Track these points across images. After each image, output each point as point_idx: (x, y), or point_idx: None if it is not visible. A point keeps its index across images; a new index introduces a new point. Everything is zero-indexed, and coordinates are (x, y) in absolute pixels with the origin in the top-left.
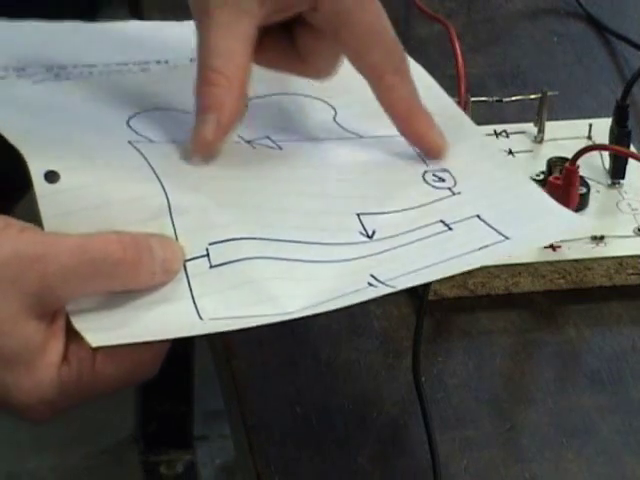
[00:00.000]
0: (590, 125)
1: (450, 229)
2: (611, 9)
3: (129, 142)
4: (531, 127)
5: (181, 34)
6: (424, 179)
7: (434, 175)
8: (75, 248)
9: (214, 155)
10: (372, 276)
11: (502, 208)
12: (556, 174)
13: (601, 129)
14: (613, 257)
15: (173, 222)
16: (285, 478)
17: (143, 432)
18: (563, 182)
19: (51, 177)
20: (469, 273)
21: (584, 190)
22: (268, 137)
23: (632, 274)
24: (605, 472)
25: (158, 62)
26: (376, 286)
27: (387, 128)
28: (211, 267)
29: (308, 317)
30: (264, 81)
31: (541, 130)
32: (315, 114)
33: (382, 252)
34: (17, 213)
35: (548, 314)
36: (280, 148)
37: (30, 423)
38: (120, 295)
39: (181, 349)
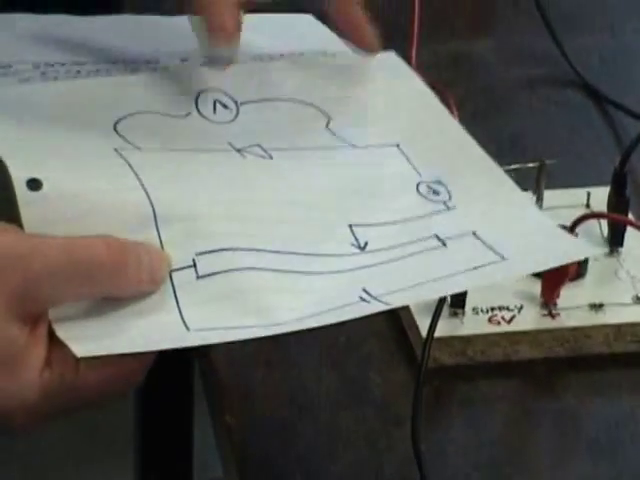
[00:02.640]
0: (588, 193)
1: (444, 245)
2: (609, 78)
3: (115, 149)
4: (530, 195)
5: (175, 30)
6: (418, 191)
7: (428, 187)
8: (60, 249)
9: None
10: (364, 290)
11: (498, 226)
12: None
13: (599, 197)
14: (612, 325)
15: (159, 232)
16: None
17: None
18: None
19: (34, 185)
20: (468, 341)
21: (583, 258)
22: (259, 145)
23: (631, 342)
24: None
25: (148, 62)
26: (368, 301)
27: (381, 137)
28: (198, 278)
29: (297, 332)
30: (256, 86)
31: (540, 198)
32: (308, 121)
33: (374, 265)
34: None
35: (547, 382)
36: (271, 157)
37: (12, 433)
38: (105, 304)
39: (180, 417)
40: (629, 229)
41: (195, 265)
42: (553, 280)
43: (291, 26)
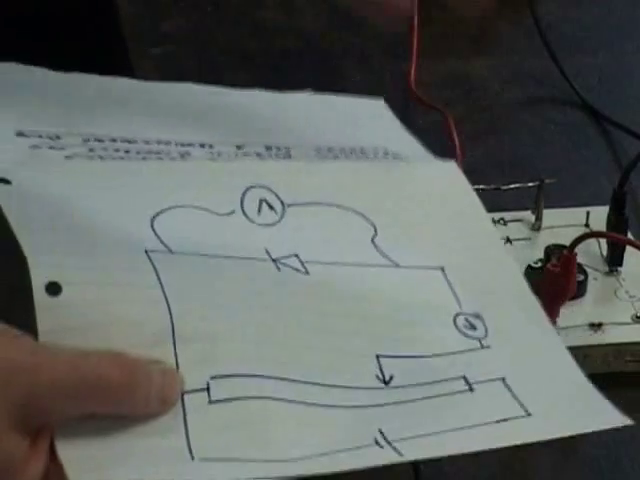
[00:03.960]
0: (588, 213)
1: (471, 390)
2: (608, 98)
3: (146, 251)
4: (529, 215)
5: (235, 110)
6: (455, 323)
7: (466, 320)
8: (68, 363)
9: None
10: (380, 432)
11: (530, 376)
12: (554, 262)
13: (599, 217)
14: (611, 344)
15: (176, 351)
16: None
17: None
18: (561, 270)
19: (52, 289)
20: None
21: (582, 277)
22: (297, 256)
23: (630, 361)
24: None
25: (202, 146)
26: (382, 446)
27: (425, 258)
28: (210, 402)
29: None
30: (307, 187)
31: (539, 218)
32: (353, 232)
33: (395, 403)
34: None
35: None
36: (307, 272)
37: None
38: (111, 422)
39: None
40: (628, 248)
41: (209, 389)
42: (553, 299)
43: (359, 112)
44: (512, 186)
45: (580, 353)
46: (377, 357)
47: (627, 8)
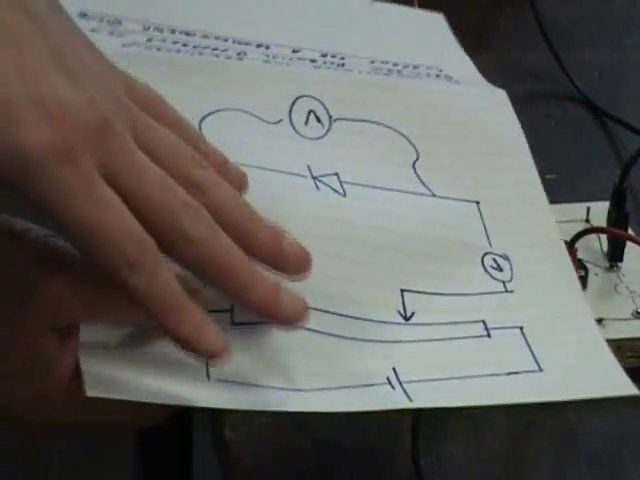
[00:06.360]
0: (588, 208)
1: (489, 335)
2: (608, 93)
3: None
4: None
5: (296, 10)
6: (482, 262)
7: (494, 260)
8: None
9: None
10: (394, 370)
11: (549, 329)
12: None
13: (599, 212)
14: (612, 340)
15: None
16: None
17: None
18: None
19: None
20: None
21: (582, 273)
22: (337, 175)
23: (631, 357)
24: None
25: (258, 46)
26: (394, 386)
27: (462, 190)
28: (232, 324)
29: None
30: (356, 102)
31: None
32: (395, 154)
33: (413, 342)
34: None
35: None
36: (344, 194)
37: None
38: (135, 332)
39: (179, 432)
40: (629, 244)
41: (232, 310)
42: None
43: (418, 24)
44: None
45: None
46: (401, 291)
47: (627, 3)
